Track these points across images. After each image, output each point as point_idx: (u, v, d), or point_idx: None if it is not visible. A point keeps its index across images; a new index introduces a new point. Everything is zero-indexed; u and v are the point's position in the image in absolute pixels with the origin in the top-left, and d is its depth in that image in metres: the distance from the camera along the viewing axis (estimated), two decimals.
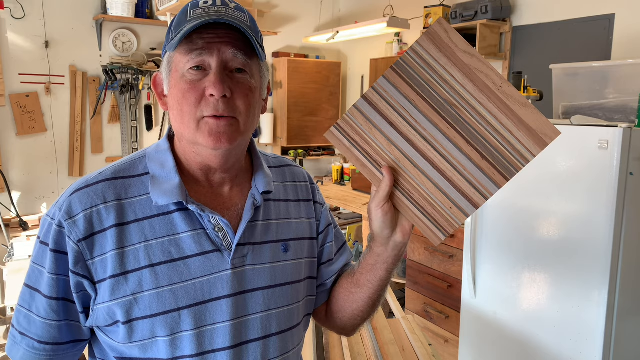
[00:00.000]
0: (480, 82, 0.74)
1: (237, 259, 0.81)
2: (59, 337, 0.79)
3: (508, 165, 0.75)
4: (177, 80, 0.78)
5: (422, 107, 0.77)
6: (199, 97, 0.76)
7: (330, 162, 4.89)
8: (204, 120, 0.77)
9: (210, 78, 0.76)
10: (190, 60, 0.76)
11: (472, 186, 0.77)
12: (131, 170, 0.83)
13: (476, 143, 0.76)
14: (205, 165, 0.83)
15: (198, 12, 0.77)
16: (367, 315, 0.96)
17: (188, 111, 0.77)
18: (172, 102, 0.80)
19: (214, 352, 0.79)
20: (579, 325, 1.98)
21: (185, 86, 0.77)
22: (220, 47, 0.76)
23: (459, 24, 3.24)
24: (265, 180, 0.88)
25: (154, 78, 0.85)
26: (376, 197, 0.80)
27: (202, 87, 0.76)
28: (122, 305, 0.76)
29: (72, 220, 0.76)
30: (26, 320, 0.79)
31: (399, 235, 0.81)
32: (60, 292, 0.77)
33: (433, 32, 0.75)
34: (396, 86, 0.79)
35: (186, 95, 0.76)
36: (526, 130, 0.74)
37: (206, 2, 0.79)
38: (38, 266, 0.79)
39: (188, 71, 0.77)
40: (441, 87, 0.76)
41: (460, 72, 0.75)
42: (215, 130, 0.77)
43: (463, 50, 0.74)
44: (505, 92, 0.73)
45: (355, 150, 0.82)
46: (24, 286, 0.81)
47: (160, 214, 0.79)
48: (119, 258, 0.76)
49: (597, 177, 1.89)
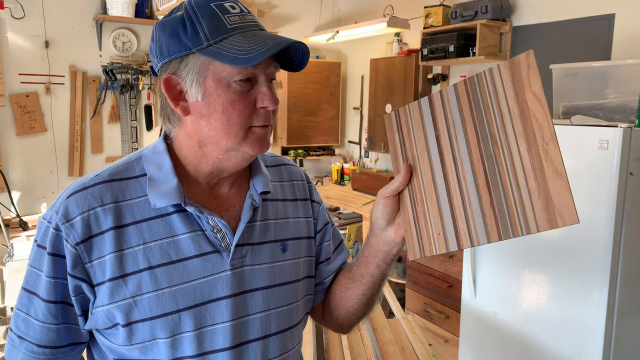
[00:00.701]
0: (530, 130, 0.70)
1: (236, 259, 0.81)
2: (57, 341, 0.79)
3: (508, 226, 0.71)
4: (220, 90, 0.76)
5: (468, 128, 0.76)
6: (250, 108, 0.77)
7: (330, 162, 4.89)
8: (252, 130, 0.79)
9: (264, 91, 0.78)
10: (241, 72, 0.75)
11: (467, 226, 0.74)
12: (128, 172, 0.82)
13: (493, 188, 0.73)
14: (218, 169, 0.83)
15: (235, 19, 0.77)
16: (362, 313, 0.97)
17: (238, 122, 0.77)
18: (210, 111, 0.77)
19: (215, 353, 0.79)
20: (579, 325, 1.98)
21: (235, 97, 0.76)
22: (268, 61, 0.78)
23: (459, 24, 3.24)
24: (263, 180, 0.88)
25: (167, 80, 0.78)
26: (387, 187, 0.83)
27: (252, 98, 0.78)
28: (122, 308, 0.76)
29: (69, 224, 0.76)
30: (24, 324, 0.79)
31: (391, 232, 0.83)
32: (59, 295, 0.77)
33: (516, 61, 0.72)
34: (458, 99, 0.78)
35: (236, 107, 0.76)
36: (545, 202, 0.68)
37: (234, 8, 0.78)
38: (36, 270, 0.78)
39: (237, 82, 0.76)
40: (493, 117, 0.73)
41: (519, 111, 0.71)
42: (263, 137, 0.80)
43: (533, 92, 0.70)
44: (549, 151, 0.69)
45: (397, 137, 0.86)
46: (21, 290, 0.80)
47: (158, 215, 0.79)
48: (118, 261, 0.76)
49: (597, 177, 1.89)
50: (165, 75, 0.78)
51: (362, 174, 4.11)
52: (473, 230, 0.74)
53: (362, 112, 4.60)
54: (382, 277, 0.89)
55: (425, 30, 3.47)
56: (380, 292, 0.94)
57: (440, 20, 3.38)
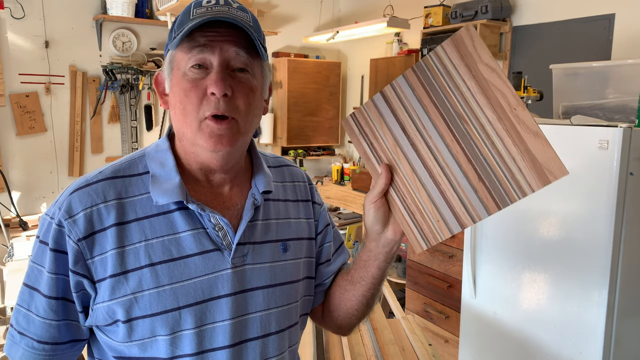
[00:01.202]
0: (495, 100, 0.70)
1: (237, 258, 0.81)
2: (58, 337, 0.79)
3: (503, 194, 0.71)
4: (178, 79, 0.78)
5: (432, 114, 0.75)
6: (200, 96, 0.76)
7: (330, 162, 4.89)
8: (205, 122, 0.77)
9: (212, 76, 0.76)
10: (191, 57, 0.76)
11: (463, 205, 0.74)
12: (131, 169, 0.83)
13: (476, 163, 0.72)
14: (205, 166, 0.83)
15: (201, 11, 0.78)
16: (362, 314, 0.97)
17: (190, 110, 0.76)
18: (173, 101, 0.79)
19: (214, 351, 0.79)
20: (579, 325, 1.98)
21: (187, 85, 0.76)
22: (222, 45, 0.76)
23: (459, 23, 3.24)
24: (265, 180, 0.88)
25: (156, 77, 0.84)
26: (371, 192, 0.81)
27: (204, 85, 0.76)
28: (122, 304, 0.76)
29: (72, 220, 0.76)
30: (25, 320, 0.79)
31: (390, 232, 0.82)
32: (60, 291, 0.77)
33: (458, 38, 0.71)
34: (413, 88, 0.77)
35: (188, 94, 0.76)
36: (530, 162, 0.68)
37: (209, 2, 0.79)
38: (37, 265, 0.78)
39: (190, 69, 0.76)
40: (455, 98, 0.73)
41: (477, 85, 0.70)
42: (216, 132, 0.76)
43: (485, 63, 0.70)
44: (519, 115, 0.68)
45: (363, 142, 0.83)
46: (23, 285, 0.80)
47: (160, 213, 0.79)
48: (119, 257, 0.76)
49: (597, 177, 1.89)
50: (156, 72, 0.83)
51: (362, 174, 4.11)
52: (470, 207, 0.74)
53: None
54: (382, 277, 0.89)
55: (425, 30, 3.47)
56: (379, 291, 0.93)
57: (440, 20, 3.38)
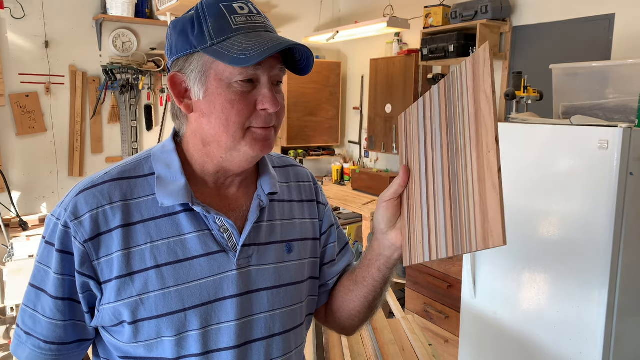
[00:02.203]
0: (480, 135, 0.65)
1: (242, 259, 0.82)
2: (64, 337, 0.79)
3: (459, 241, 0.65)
4: (221, 89, 0.76)
5: (442, 133, 0.72)
6: (250, 109, 0.77)
7: (330, 162, 4.89)
8: (251, 130, 0.78)
9: (265, 93, 0.77)
10: (243, 72, 0.76)
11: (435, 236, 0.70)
12: (137, 170, 0.83)
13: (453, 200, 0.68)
14: (223, 169, 0.83)
15: (241, 19, 0.77)
16: (364, 317, 0.97)
17: (236, 121, 0.77)
18: (210, 109, 0.78)
19: (219, 352, 0.80)
20: (579, 325, 1.98)
21: (235, 97, 0.76)
22: (271, 63, 0.77)
23: (459, 24, 3.24)
24: (271, 181, 0.89)
25: (172, 78, 0.80)
26: (387, 190, 0.83)
27: (253, 99, 0.77)
28: (128, 305, 0.76)
29: (78, 221, 0.76)
30: (31, 320, 0.80)
31: (392, 235, 0.83)
32: (66, 292, 0.78)
33: (477, 57, 0.67)
34: (439, 99, 0.74)
35: (236, 106, 0.76)
36: (482, 218, 0.62)
37: (242, 9, 0.78)
38: (43, 266, 0.79)
39: (238, 82, 0.76)
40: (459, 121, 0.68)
41: (475, 113, 0.66)
42: (262, 138, 0.79)
43: (485, 89, 0.65)
44: (489, 160, 0.63)
45: (402, 140, 0.84)
46: (29, 286, 0.81)
47: (166, 214, 0.80)
48: (125, 259, 0.77)
49: (597, 177, 1.89)
50: (172, 72, 0.80)
51: (362, 174, 4.11)
52: (439, 241, 0.70)
53: (362, 112, 4.60)
54: (384, 281, 0.89)
55: (425, 30, 3.47)
56: (382, 296, 0.93)
57: (440, 20, 3.38)
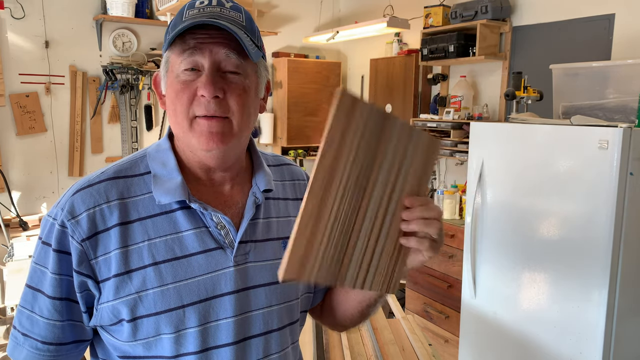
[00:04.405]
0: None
1: (239, 256, 0.82)
2: (62, 337, 0.79)
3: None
4: (172, 81, 0.79)
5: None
6: (191, 97, 0.77)
7: None
8: (196, 120, 0.78)
9: (202, 79, 0.76)
10: (183, 60, 0.77)
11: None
12: (132, 169, 0.83)
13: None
14: (203, 164, 0.84)
15: (193, 12, 0.78)
16: (357, 321, 0.98)
17: (181, 110, 0.78)
18: (168, 102, 0.81)
19: (218, 348, 0.80)
20: (579, 325, 1.98)
21: (179, 86, 0.78)
22: (212, 48, 0.77)
23: (458, 24, 3.24)
24: (265, 178, 0.89)
25: (154, 77, 0.85)
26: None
27: (195, 87, 0.77)
28: (127, 303, 0.76)
29: (75, 220, 0.76)
30: (29, 321, 0.79)
31: None
32: (64, 292, 0.77)
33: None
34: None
35: (179, 95, 0.77)
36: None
37: (202, 2, 0.79)
38: (40, 267, 0.79)
39: (182, 72, 0.77)
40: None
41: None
42: (207, 130, 0.77)
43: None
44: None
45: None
46: (25, 287, 0.80)
47: (162, 212, 0.80)
48: (123, 257, 0.76)
49: (597, 177, 1.89)
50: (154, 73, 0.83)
51: None
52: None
53: None
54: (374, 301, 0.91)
55: (425, 30, 3.47)
56: (375, 306, 0.93)
57: (440, 20, 3.38)
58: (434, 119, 3.41)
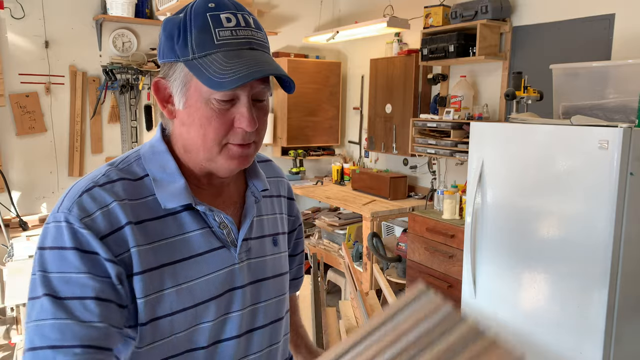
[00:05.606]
0: None
1: (242, 253, 0.86)
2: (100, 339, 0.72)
3: None
4: (199, 103, 0.76)
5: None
6: (227, 126, 0.76)
7: (330, 162, 4.89)
8: (227, 146, 0.78)
9: (242, 112, 0.76)
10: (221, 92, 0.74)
11: None
12: (131, 173, 0.81)
13: None
14: (208, 172, 0.84)
15: (225, 34, 0.74)
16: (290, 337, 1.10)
17: (212, 137, 0.76)
18: (189, 120, 0.77)
19: (224, 342, 0.84)
20: (579, 325, 1.98)
21: (212, 114, 0.75)
22: (252, 83, 0.75)
23: (459, 24, 3.24)
24: (261, 178, 0.93)
25: (156, 83, 0.80)
26: None
27: (231, 117, 0.76)
28: (144, 304, 0.76)
29: (89, 218, 0.73)
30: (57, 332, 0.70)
31: None
32: (97, 291, 0.72)
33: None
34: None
35: (212, 123, 0.76)
36: None
37: (229, 20, 0.75)
38: (61, 274, 0.72)
39: (217, 101, 0.75)
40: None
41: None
42: (238, 155, 0.79)
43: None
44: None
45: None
46: (48, 301, 0.71)
47: (168, 214, 0.80)
48: (138, 256, 0.75)
49: (597, 177, 1.89)
50: (156, 78, 0.80)
51: (362, 174, 4.11)
52: None
53: (362, 112, 4.60)
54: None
55: (425, 30, 3.47)
56: None
57: (440, 20, 3.38)
58: (434, 119, 3.40)
